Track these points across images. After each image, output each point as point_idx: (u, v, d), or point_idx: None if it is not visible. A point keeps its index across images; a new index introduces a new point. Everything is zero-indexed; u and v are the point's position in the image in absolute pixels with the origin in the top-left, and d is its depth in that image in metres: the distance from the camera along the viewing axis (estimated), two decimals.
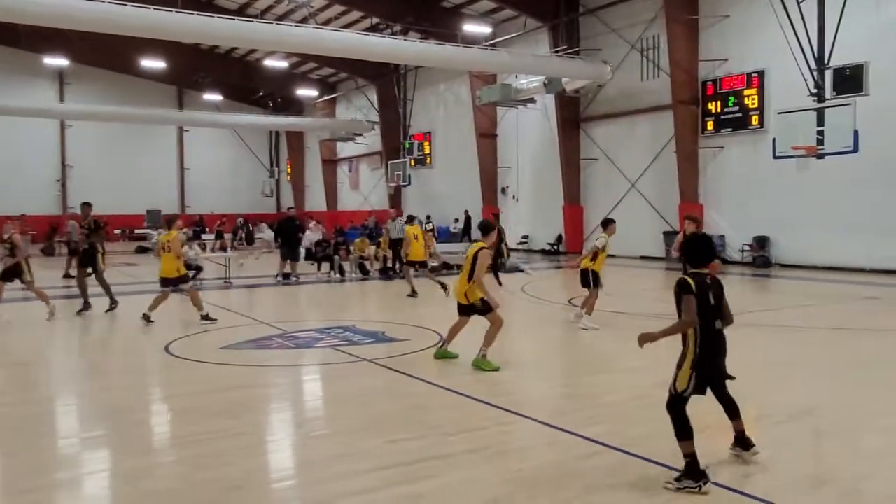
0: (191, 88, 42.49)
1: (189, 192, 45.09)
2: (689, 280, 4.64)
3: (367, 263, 19.13)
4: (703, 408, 4.88)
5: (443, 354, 8.52)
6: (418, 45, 22.06)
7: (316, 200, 43.75)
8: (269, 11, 32.62)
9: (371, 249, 19.51)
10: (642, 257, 23.97)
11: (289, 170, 46.53)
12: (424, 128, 34.45)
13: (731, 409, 4.94)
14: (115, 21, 17.64)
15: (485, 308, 8.16)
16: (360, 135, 37.02)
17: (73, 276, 19.27)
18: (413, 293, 15.08)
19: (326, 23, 30.33)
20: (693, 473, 4.44)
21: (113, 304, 12.72)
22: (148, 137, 42.70)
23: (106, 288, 12.86)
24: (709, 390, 4.79)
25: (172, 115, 40.33)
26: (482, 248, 8.21)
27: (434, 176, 34.52)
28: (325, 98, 40.66)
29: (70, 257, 20.02)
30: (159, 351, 9.34)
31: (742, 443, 4.97)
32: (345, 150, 41.28)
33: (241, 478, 4.87)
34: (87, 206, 13.77)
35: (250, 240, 33.16)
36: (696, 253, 4.86)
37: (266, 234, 32.05)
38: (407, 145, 31.92)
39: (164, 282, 11.72)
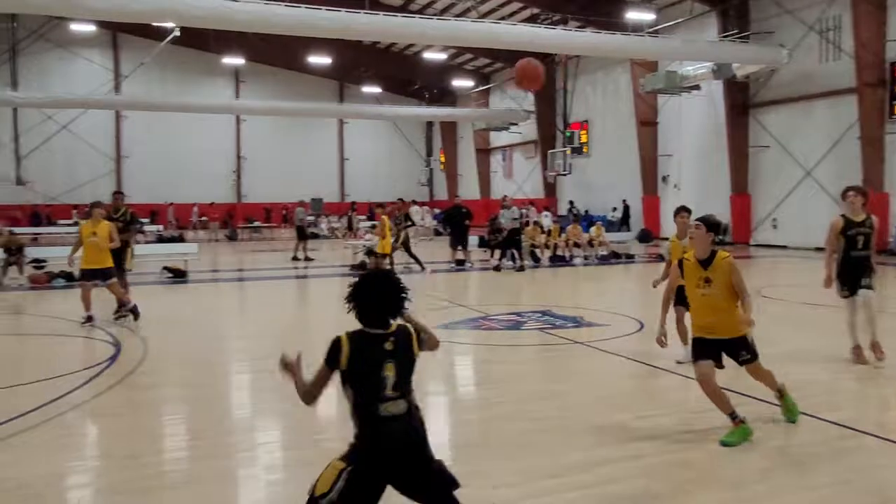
0: (351, 82, 44.53)
1: (348, 181, 47.41)
2: (344, 341, 3.22)
3: (538, 251, 19.64)
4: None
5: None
6: (589, 35, 22.26)
7: (469, 189, 44.73)
8: (429, 7, 33.69)
9: (542, 237, 20.00)
10: (817, 249, 23.01)
11: (442, 159, 47.83)
12: (581, 116, 34.48)
13: None
14: (307, 23, 19.09)
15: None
16: (515, 124, 37.54)
17: (302, 259, 21.02)
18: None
19: (485, 15, 31.05)
20: None
21: (131, 311, 10.81)
22: (312, 130, 45.27)
23: (125, 288, 11.19)
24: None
25: (335, 109, 42.68)
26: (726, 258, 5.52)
27: (590, 165, 34.50)
28: (480, 88, 41.49)
29: (300, 242, 21.69)
30: None
31: None
32: (498, 139, 41.98)
33: (521, 438, 5.48)
34: (119, 194, 12.09)
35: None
36: (365, 305, 3.27)
37: (427, 220, 33.41)
38: (567, 134, 32.15)
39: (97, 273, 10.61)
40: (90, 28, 33.05)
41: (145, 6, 18.41)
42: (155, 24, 24.16)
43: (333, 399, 6.85)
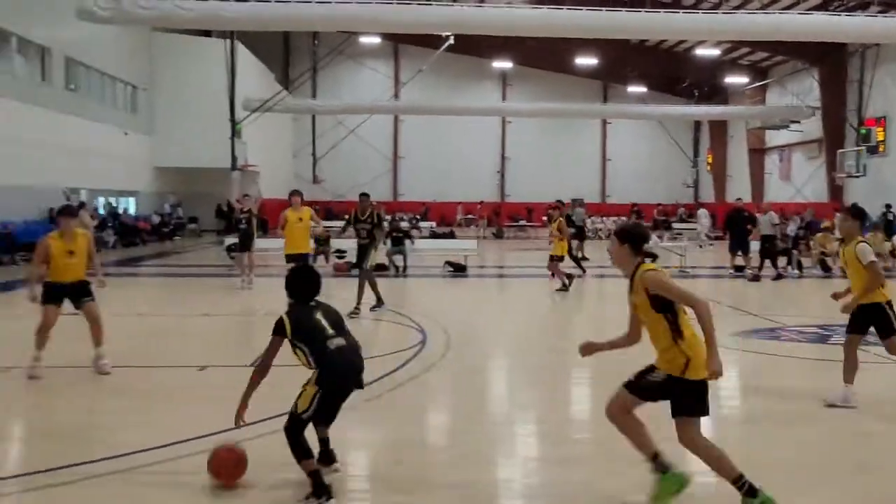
0: (615, 82, 44.01)
1: (609, 181, 46.97)
2: (285, 317, 4.49)
3: (828, 260, 17.99)
4: None
5: None
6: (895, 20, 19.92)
7: (738, 192, 42.08)
8: (704, 1, 32.20)
9: (834, 245, 18.26)
10: None
11: (709, 159, 45.58)
12: (878, 112, 30.92)
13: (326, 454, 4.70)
14: (583, 25, 19.21)
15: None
16: (797, 122, 34.67)
17: (580, 257, 21.15)
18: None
19: (768, 5, 28.99)
20: (318, 490, 4.27)
21: (379, 303, 11.45)
22: (574, 130, 45.50)
23: (373, 285, 11.44)
24: None
25: (599, 109, 42.53)
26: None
27: (887, 165, 30.77)
28: (756, 84, 38.89)
29: (580, 242, 21.84)
30: None
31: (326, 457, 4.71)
32: (776, 138, 39.02)
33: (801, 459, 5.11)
34: (366, 196, 11.94)
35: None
36: (294, 288, 4.71)
37: (703, 222, 32.09)
38: (862, 132, 29.10)
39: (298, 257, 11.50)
40: (376, 40, 36.35)
41: (431, 18, 19.76)
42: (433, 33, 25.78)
43: (583, 406, 6.86)
